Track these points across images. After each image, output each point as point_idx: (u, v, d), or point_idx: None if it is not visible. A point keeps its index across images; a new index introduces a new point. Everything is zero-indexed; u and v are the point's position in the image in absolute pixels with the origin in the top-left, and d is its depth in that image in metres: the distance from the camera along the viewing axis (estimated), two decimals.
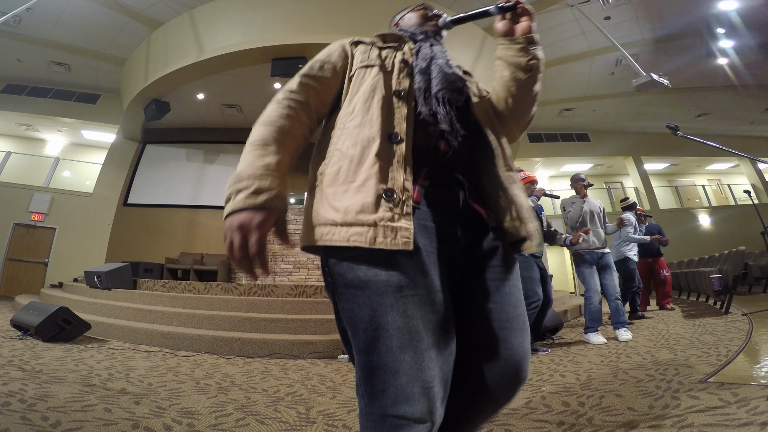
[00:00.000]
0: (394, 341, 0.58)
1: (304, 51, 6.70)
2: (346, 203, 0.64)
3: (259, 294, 4.49)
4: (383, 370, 0.58)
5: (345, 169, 0.67)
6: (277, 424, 1.59)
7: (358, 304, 0.61)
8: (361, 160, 0.67)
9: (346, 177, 0.67)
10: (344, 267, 0.63)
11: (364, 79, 0.76)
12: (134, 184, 9.20)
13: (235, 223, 0.59)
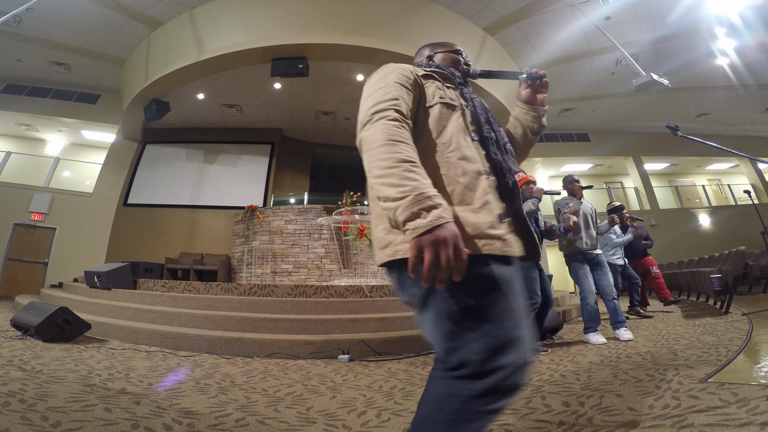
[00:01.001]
0: (520, 313, 0.77)
1: (304, 51, 6.70)
2: (474, 221, 0.79)
3: (259, 294, 4.49)
4: (512, 329, 0.74)
5: (459, 193, 0.82)
6: (277, 424, 1.59)
7: (495, 294, 0.75)
8: (472, 188, 0.83)
9: (462, 199, 0.82)
10: (468, 268, 0.71)
11: (450, 117, 0.91)
12: (134, 184, 9.20)
13: (443, 236, 0.66)
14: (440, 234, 0.66)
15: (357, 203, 7.71)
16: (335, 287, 4.53)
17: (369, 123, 0.81)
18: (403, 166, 0.73)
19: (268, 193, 9.22)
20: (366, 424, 1.59)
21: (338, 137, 10.59)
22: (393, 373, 2.53)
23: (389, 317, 3.76)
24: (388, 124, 0.79)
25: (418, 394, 2.00)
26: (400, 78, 0.89)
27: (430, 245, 0.65)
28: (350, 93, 8.39)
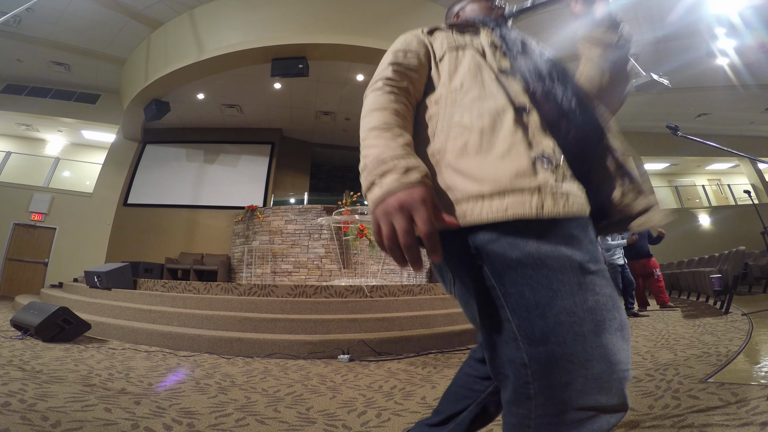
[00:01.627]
0: (585, 325, 0.50)
1: (304, 51, 6.70)
2: (491, 172, 0.58)
3: (259, 294, 4.49)
4: (568, 360, 0.50)
5: (475, 141, 0.62)
6: (277, 424, 1.59)
7: (531, 286, 0.52)
8: (494, 130, 0.62)
9: (479, 148, 0.61)
10: (504, 244, 0.55)
11: (461, 58, 0.75)
12: (134, 184, 9.20)
13: (394, 204, 0.53)
14: (391, 202, 0.53)
15: (357, 203, 7.71)
16: (335, 287, 4.53)
17: (367, 92, 0.72)
18: (373, 134, 0.63)
19: (268, 193, 9.22)
20: (366, 424, 1.59)
21: (338, 137, 10.59)
22: (393, 373, 2.53)
23: (389, 317, 3.76)
24: (371, 96, 0.70)
25: (418, 394, 2.00)
26: (399, 45, 0.81)
27: (382, 217, 0.54)
28: (350, 93, 8.39)
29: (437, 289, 5.18)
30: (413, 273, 8.25)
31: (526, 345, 0.52)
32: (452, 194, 0.60)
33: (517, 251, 0.54)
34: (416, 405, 1.83)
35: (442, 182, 0.62)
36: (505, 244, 0.55)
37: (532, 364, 0.51)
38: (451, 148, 0.64)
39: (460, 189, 0.59)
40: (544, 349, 0.51)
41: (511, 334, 0.53)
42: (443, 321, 3.94)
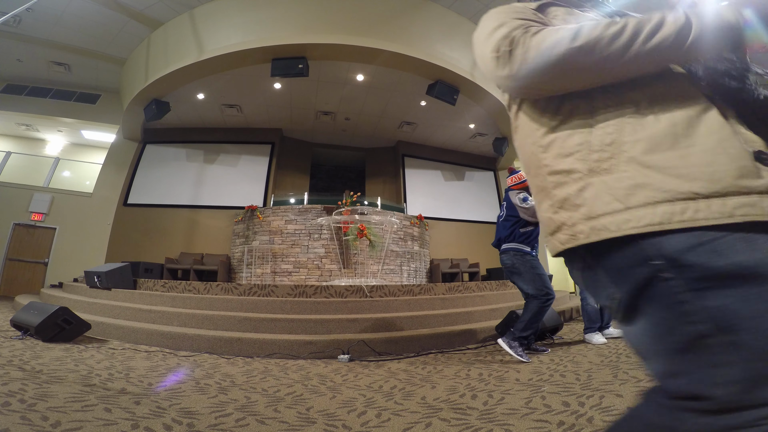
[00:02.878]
0: None
1: (304, 51, 6.70)
2: (703, 169, 0.50)
3: (259, 294, 4.49)
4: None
5: (669, 134, 0.53)
6: (277, 424, 1.59)
7: (743, 298, 0.46)
8: (691, 122, 0.53)
9: (674, 142, 0.52)
10: (705, 253, 0.48)
11: None
12: (134, 184, 9.20)
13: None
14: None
15: (357, 203, 7.71)
16: (335, 287, 4.53)
17: (514, 48, 0.59)
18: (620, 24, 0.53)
19: (268, 193, 9.22)
20: (366, 424, 1.59)
21: (338, 137, 10.58)
22: (393, 373, 2.53)
23: (389, 317, 3.76)
24: (543, 31, 0.58)
25: (418, 394, 2.00)
26: (505, 16, 0.66)
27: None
28: (350, 93, 8.39)
29: (437, 289, 5.18)
30: (413, 273, 8.25)
31: (733, 361, 0.46)
32: (644, 194, 0.52)
33: (722, 261, 0.47)
34: (416, 405, 1.83)
35: (627, 180, 0.53)
36: (708, 253, 0.48)
37: (738, 380, 0.46)
38: (630, 140, 0.55)
39: (659, 187, 0.51)
40: (748, 367, 0.45)
41: (710, 350, 0.47)
42: (443, 321, 3.94)
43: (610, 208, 0.53)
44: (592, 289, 0.62)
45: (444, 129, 10.04)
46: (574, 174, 0.58)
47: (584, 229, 0.56)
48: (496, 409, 1.73)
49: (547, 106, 0.64)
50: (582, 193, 0.57)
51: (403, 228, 8.28)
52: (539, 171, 0.63)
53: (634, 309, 0.54)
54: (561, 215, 0.60)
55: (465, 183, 11.05)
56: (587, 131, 0.58)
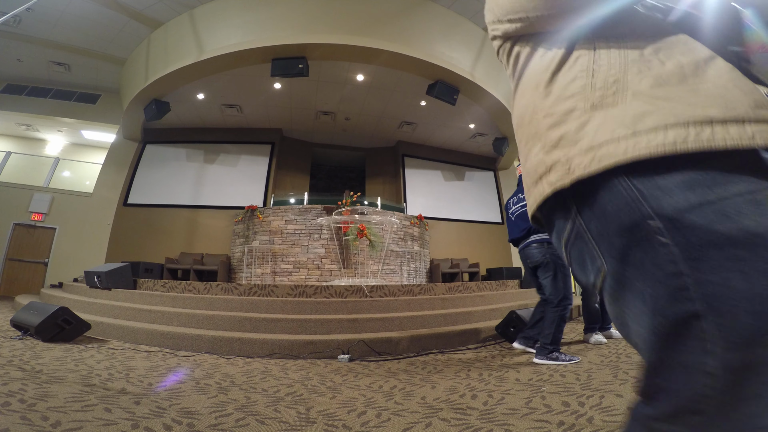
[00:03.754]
0: None
1: (304, 51, 6.70)
2: (718, 96, 0.47)
3: (259, 294, 4.49)
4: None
5: (676, 73, 0.50)
6: (277, 424, 1.59)
7: (744, 273, 0.39)
8: (698, 66, 0.51)
9: (682, 80, 0.50)
10: (710, 214, 0.42)
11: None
12: (134, 184, 9.20)
13: None
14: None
15: (357, 203, 7.71)
16: (335, 287, 4.53)
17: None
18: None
19: (268, 193, 9.22)
20: (366, 424, 1.59)
21: (338, 137, 10.58)
22: (393, 373, 2.53)
23: (389, 317, 3.76)
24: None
25: (418, 394, 2.00)
26: None
27: None
28: (350, 93, 8.39)
29: (437, 289, 5.18)
30: (413, 273, 8.26)
31: (720, 349, 0.40)
32: (654, 118, 0.47)
33: (728, 223, 0.41)
34: (416, 405, 1.83)
35: (635, 109, 0.49)
36: (712, 214, 0.42)
37: (721, 372, 0.40)
38: (636, 78, 0.52)
39: (671, 112, 0.47)
40: (745, 354, 0.39)
41: (698, 335, 0.41)
42: (443, 321, 3.95)
43: (616, 135, 0.49)
44: (577, 264, 0.56)
45: (444, 129, 10.04)
46: (574, 112, 0.55)
47: (583, 161, 0.50)
48: (496, 409, 1.73)
49: (551, 55, 0.61)
50: (583, 128, 0.53)
51: (403, 228, 8.29)
52: (534, 117, 0.60)
53: (624, 283, 0.48)
54: (554, 154, 0.55)
55: (465, 183, 11.05)
56: (588, 76, 0.56)
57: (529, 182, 0.61)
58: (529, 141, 0.61)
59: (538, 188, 0.58)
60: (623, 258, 0.47)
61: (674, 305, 0.42)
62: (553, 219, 0.59)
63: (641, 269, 0.45)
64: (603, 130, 0.50)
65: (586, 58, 0.57)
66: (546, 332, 2.69)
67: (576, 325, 4.55)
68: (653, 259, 0.44)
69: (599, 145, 0.49)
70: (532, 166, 0.59)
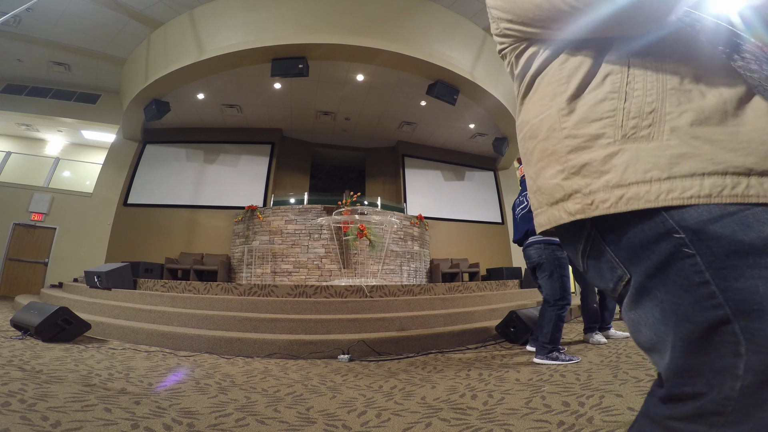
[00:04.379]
0: None
1: (304, 51, 6.70)
2: (760, 146, 0.46)
3: (259, 294, 4.49)
4: None
5: (718, 110, 0.48)
6: (277, 424, 1.59)
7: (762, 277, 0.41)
8: (740, 102, 0.49)
9: (723, 119, 0.48)
10: (732, 225, 0.44)
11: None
12: (134, 184, 9.20)
13: None
14: None
15: (357, 203, 7.71)
16: (335, 287, 4.53)
17: None
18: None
19: (268, 193, 9.22)
20: (366, 424, 1.59)
21: (338, 137, 10.58)
22: (393, 373, 2.53)
23: (389, 317, 3.76)
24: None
25: (418, 394, 2.00)
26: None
27: None
28: (350, 93, 8.39)
29: (437, 289, 5.18)
30: (413, 273, 8.26)
31: (750, 352, 0.41)
32: (692, 164, 0.46)
33: (751, 232, 0.42)
34: (416, 405, 1.83)
35: (672, 149, 0.48)
36: (734, 225, 0.43)
37: (749, 374, 0.41)
38: (674, 110, 0.49)
39: (710, 158, 0.46)
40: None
41: (730, 338, 0.42)
42: (443, 321, 3.95)
43: (648, 177, 0.47)
44: (594, 271, 0.56)
45: (444, 129, 10.04)
46: (602, 139, 0.52)
47: (608, 198, 0.49)
48: (496, 409, 1.73)
49: (574, 65, 0.58)
50: (610, 160, 0.50)
51: (403, 228, 8.28)
52: (552, 134, 0.56)
53: (646, 293, 0.48)
54: (575, 182, 0.53)
55: (465, 183, 11.05)
56: (620, 99, 0.52)
57: (542, 200, 0.59)
58: (543, 158, 0.59)
59: (554, 212, 0.57)
60: (647, 269, 0.48)
61: (703, 312, 0.43)
62: (566, 234, 0.59)
63: (665, 280, 0.46)
64: (634, 168, 0.48)
65: (618, 77, 0.54)
66: (544, 331, 2.71)
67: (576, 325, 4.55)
68: (679, 271, 0.45)
69: (628, 185, 0.48)
70: (548, 187, 0.58)
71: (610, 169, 0.50)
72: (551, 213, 0.57)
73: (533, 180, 0.62)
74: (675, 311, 0.45)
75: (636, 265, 0.49)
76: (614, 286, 0.53)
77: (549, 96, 0.60)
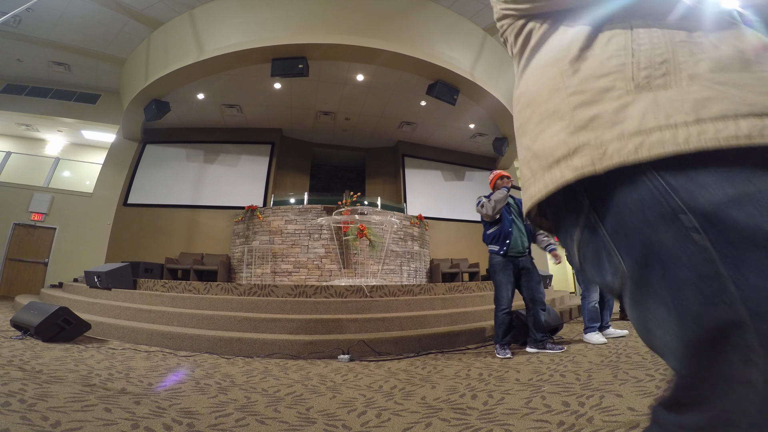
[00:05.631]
0: None
1: (304, 51, 6.70)
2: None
3: (259, 294, 4.49)
4: None
5: (737, 57, 0.45)
6: (277, 424, 1.59)
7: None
8: (758, 53, 0.46)
9: (745, 65, 0.44)
10: (753, 212, 0.37)
11: None
12: (134, 184, 9.20)
13: None
14: None
15: (357, 203, 7.71)
16: (335, 287, 4.53)
17: None
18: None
19: (268, 193, 9.22)
20: (366, 424, 1.59)
21: (338, 137, 10.58)
22: (393, 373, 2.53)
23: (389, 317, 3.76)
24: None
25: (418, 394, 2.00)
26: None
27: None
28: (350, 93, 8.39)
29: (437, 289, 5.18)
30: (413, 273, 8.26)
31: (766, 360, 0.35)
32: (722, 106, 0.41)
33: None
34: (416, 405, 1.83)
35: (695, 93, 0.43)
36: (754, 209, 0.37)
37: (765, 384, 0.36)
38: (689, 59, 0.46)
39: (741, 100, 0.41)
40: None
41: (741, 345, 0.36)
42: (443, 321, 3.94)
43: (673, 121, 0.42)
44: (594, 263, 0.50)
45: (444, 129, 10.04)
46: (613, 92, 0.47)
47: (625, 146, 0.43)
48: (496, 409, 1.73)
49: (574, 32, 0.55)
50: (624, 110, 0.46)
51: (403, 228, 8.29)
52: (555, 94, 0.52)
53: (645, 287, 0.42)
54: (582, 135, 0.48)
55: (465, 183, 11.05)
56: (627, 54, 0.49)
57: (537, 166, 0.53)
58: (543, 120, 0.54)
59: (553, 173, 0.50)
60: (645, 258, 0.41)
61: (711, 312, 0.37)
62: (561, 216, 0.54)
63: (667, 271, 0.40)
64: (654, 113, 0.44)
65: (623, 38, 0.50)
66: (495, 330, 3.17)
67: (576, 325, 4.55)
68: (684, 260, 0.38)
69: (649, 131, 0.43)
70: (547, 147, 0.52)
71: (624, 118, 0.45)
72: (550, 176, 0.51)
73: (528, 148, 0.57)
74: (679, 309, 0.39)
75: (631, 253, 0.43)
76: (612, 280, 0.47)
77: (550, 63, 0.57)
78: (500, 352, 3.02)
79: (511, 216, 3.24)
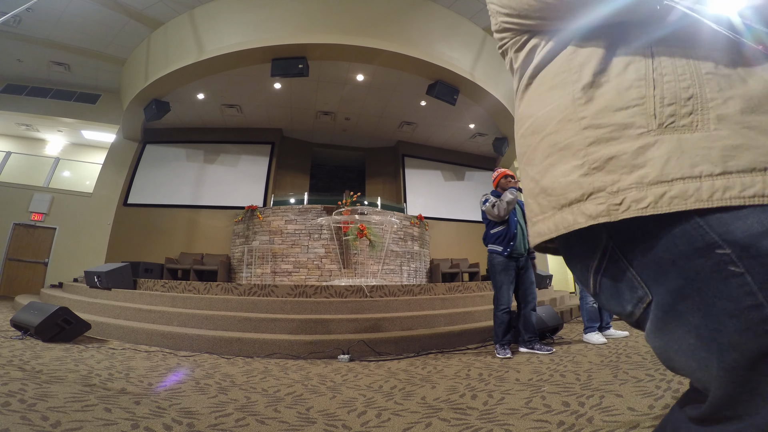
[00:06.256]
0: None
1: (304, 51, 6.70)
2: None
3: (259, 294, 4.49)
4: None
5: (762, 97, 0.42)
6: (277, 424, 1.59)
7: None
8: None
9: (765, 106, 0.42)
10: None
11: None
12: (134, 184, 9.20)
13: None
14: None
15: (357, 203, 7.71)
16: (335, 287, 4.53)
17: None
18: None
19: (268, 193, 9.22)
20: (366, 424, 1.59)
21: (338, 137, 10.58)
22: (393, 373, 2.53)
23: (389, 317, 3.76)
24: None
25: (418, 394, 2.00)
26: None
27: None
28: (350, 93, 8.39)
29: (437, 289, 5.18)
30: (413, 273, 8.26)
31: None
32: (751, 157, 0.39)
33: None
34: (416, 405, 1.83)
35: (724, 140, 0.41)
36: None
37: None
38: (717, 97, 0.43)
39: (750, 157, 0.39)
40: None
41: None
42: (443, 321, 3.94)
43: (698, 171, 0.40)
44: (609, 292, 0.49)
45: (444, 129, 10.04)
46: (632, 129, 0.44)
47: (644, 197, 0.41)
48: (496, 409, 1.73)
49: (586, 55, 0.51)
50: (645, 152, 0.43)
51: (403, 228, 8.28)
52: (566, 125, 0.49)
53: (675, 317, 0.42)
54: (597, 178, 0.45)
55: (465, 183, 11.05)
56: (648, 86, 0.46)
57: (547, 204, 0.51)
58: (553, 153, 0.51)
59: (565, 217, 0.48)
60: (679, 290, 0.41)
61: (755, 339, 0.37)
62: (573, 246, 0.52)
63: (702, 302, 0.39)
64: (678, 160, 0.41)
65: (642, 65, 0.47)
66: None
67: (576, 325, 4.55)
68: (723, 292, 0.38)
69: (672, 182, 0.41)
70: (558, 185, 0.49)
71: (645, 162, 0.42)
72: (561, 217, 0.49)
73: (535, 181, 0.54)
74: (716, 338, 0.38)
75: (663, 285, 0.42)
76: (633, 310, 0.46)
77: (558, 86, 0.53)
78: (500, 351, 3.01)
79: (516, 217, 3.22)
